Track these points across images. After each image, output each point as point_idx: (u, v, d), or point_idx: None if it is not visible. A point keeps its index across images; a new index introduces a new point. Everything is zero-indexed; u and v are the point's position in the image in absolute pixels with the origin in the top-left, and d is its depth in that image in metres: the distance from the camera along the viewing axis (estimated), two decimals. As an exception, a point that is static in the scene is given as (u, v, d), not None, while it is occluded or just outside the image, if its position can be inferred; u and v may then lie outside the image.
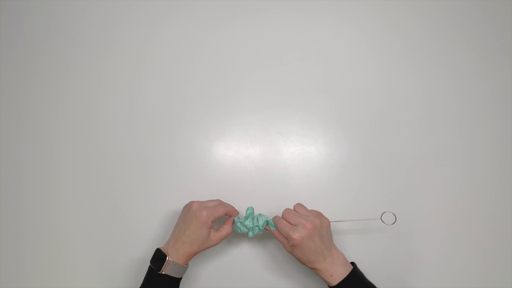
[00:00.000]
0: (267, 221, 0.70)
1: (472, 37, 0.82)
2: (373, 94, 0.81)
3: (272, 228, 0.69)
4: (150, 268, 0.66)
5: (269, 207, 0.77)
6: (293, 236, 0.64)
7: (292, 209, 0.69)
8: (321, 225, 0.66)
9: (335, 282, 0.64)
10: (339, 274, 0.65)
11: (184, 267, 0.66)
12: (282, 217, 0.68)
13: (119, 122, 0.80)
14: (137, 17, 0.83)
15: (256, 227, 0.70)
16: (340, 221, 0.71)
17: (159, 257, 0.65)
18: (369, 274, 0.75)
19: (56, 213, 0.78)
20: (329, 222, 0.68)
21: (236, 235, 0.77)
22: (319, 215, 0.68)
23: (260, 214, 0.70)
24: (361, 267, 0.69)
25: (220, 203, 0.70)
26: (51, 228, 0.78)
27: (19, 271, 0.77)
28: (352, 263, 0.68)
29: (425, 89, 0.81)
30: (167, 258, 0.64)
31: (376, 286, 0.65)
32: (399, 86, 0.81)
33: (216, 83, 0.81)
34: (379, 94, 0.81)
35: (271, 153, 0.80)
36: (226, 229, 0.69)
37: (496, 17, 0.82)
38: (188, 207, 0.69)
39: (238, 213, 0.72)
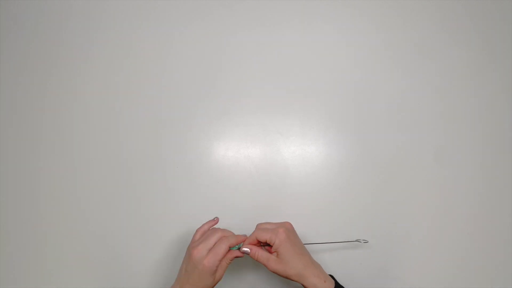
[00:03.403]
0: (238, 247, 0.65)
1: (472, 38, 0.82)
2: (373, 94, 0.81)
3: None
4: None
5: (269, 207, 0.77)
6: (279, 230, 0.62)
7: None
8: (293, 228, 0.66)
9: None
10: (330, 280, 0.62)
11: None
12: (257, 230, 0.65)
13: (119, 123, 0.80)
14: (142, 20, 0.83)
15: None
16: (313, 243, 0.72)
17: None
18: (366, 272, 0.76)
19: (57, 213, 0.78)
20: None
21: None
22: None
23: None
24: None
25: (219, 238, 0.62)
26: (52, 229, 0.78)
27: (20, 272, 0.77)
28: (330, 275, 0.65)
29: (424, 90, 0.81)
30: None
31: None
32: (398, 87, 0.81)
33: (216, 83, 0.81)
34: (379, 94, 0.81)
35: (271, 153, 0.80)
36: (223, 265, 0.63)
37: (496, 17, 0.82)
38: (188, 254, 0.62)
39: (239, 239, 0.65)
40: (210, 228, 0.67)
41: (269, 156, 0.79)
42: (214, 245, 0.61)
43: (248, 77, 0.81)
